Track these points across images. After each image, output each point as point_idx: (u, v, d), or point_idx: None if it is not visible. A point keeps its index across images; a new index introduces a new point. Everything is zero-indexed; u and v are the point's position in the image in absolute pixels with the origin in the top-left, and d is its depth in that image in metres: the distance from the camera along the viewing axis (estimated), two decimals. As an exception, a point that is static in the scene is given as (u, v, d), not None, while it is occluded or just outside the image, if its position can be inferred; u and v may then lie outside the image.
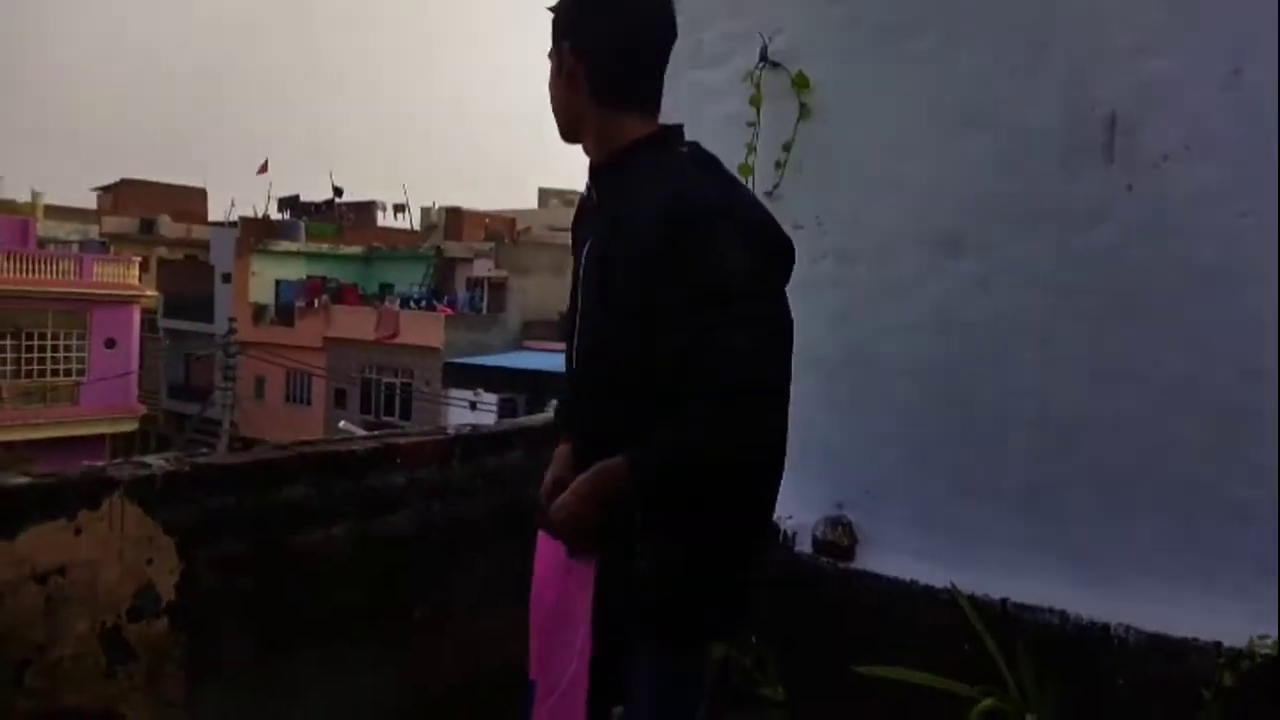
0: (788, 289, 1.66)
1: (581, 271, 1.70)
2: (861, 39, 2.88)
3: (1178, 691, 2.30)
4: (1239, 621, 2.23)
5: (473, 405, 24.09)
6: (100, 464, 2.00)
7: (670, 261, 1.47)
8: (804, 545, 2.93)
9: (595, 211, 1.70)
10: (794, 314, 1.69)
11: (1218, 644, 2.26)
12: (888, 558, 2.81)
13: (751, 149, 2.97)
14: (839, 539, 2.88)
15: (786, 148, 2.96)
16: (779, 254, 1.60)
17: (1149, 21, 2.42)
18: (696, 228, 1.48)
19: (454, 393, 25.76)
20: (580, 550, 1.67)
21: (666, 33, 1.66)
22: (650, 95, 1.67)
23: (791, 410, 1.64)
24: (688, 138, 1.70)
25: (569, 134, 1.71)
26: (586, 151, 1.69)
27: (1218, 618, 2.27)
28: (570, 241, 1.86)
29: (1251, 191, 2.28)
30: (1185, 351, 2.37)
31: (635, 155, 1.62)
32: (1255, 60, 2.28)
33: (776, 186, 2.94)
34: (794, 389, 1.60)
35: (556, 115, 1.70)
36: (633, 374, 1.55)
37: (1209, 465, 2.34)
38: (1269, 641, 2.18)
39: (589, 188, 1.73)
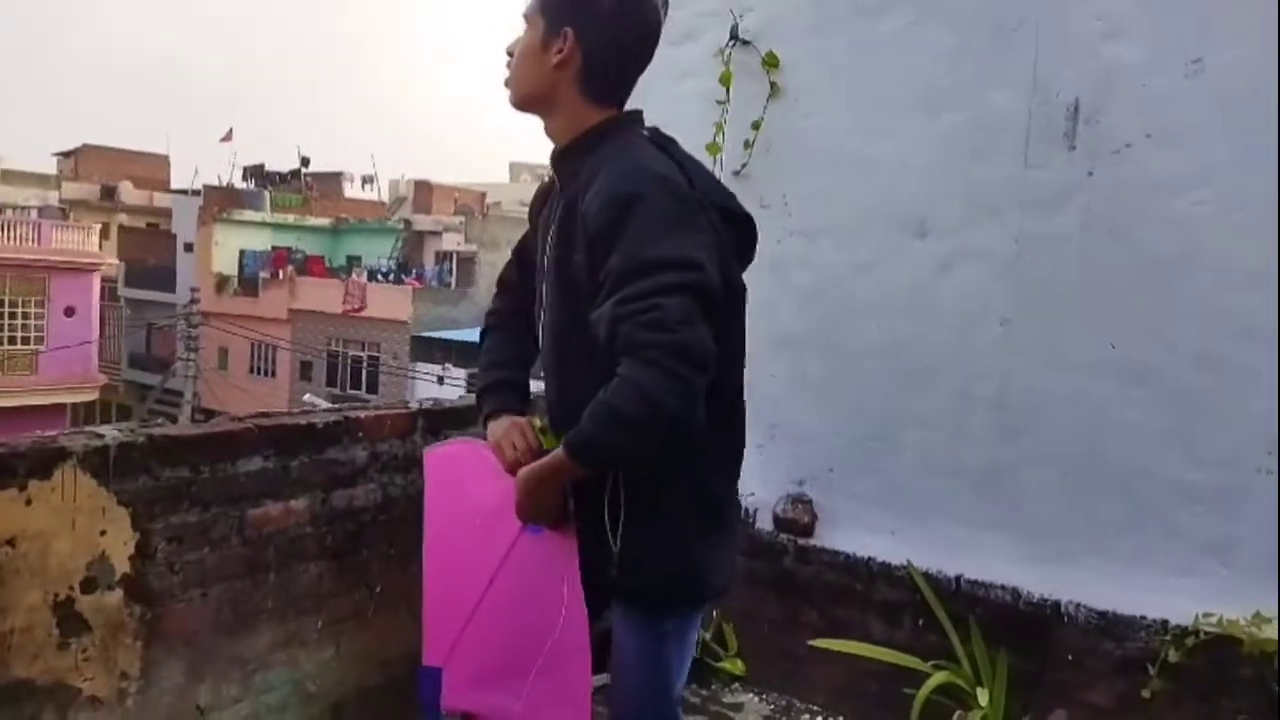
0: (754, 266, 1.69)
1: (545, 256, 1.71)
2: (831, 19, 2.88)
3: (1126, 667, 2.37)
4: (1186, 600, 2.29)
5: (440, 380, 23.96)
6: (52, 433, 1.96)
7: (614, 236, 1.50)
8: (765, 522, 2.96)
9: (557, 196, 1.70)
10: (760, 293, 1.70)
11: (1164, 621, 2.32)
12: (847, 534, 2.85)
13: (721, 128, 2.97)
14: (799, 516, 2.91)
15: (755, 126, 2.96)
16: (731, 227, 1.62)
17: (1114, 9, 2.44)
18: (639, 201, 1.50)
19: (421, 367, 25.61)
20: (552, 527, 1.68)
21: (657, 42, 1.70)
22: (626, 93, 1.71)
23: (756, 388, 1.66)
24: (661, 114, 1.72)
25: (528, 106, 1.69)
26: (547, 131, 1.70)
27: (1165, 596, 2.33)
28: (529, 216, 1.86)
29: (1209, 180, 2.32)
30: (1140, 336, 2.42)
31: (596, 139, 1.65)
32: (1217, 50, 2.30)
33: (745, 165, 2.94)
34: (760, 367, 1.62)
35: (520, 84, 1.68)
36: (594, 349, 1.56)
37: (1161, 448, 2.39)
38: (1213, 619, 2.24)
39: (551, 176, 1.75)
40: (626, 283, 1.47)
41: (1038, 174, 2.54)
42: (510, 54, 1.69)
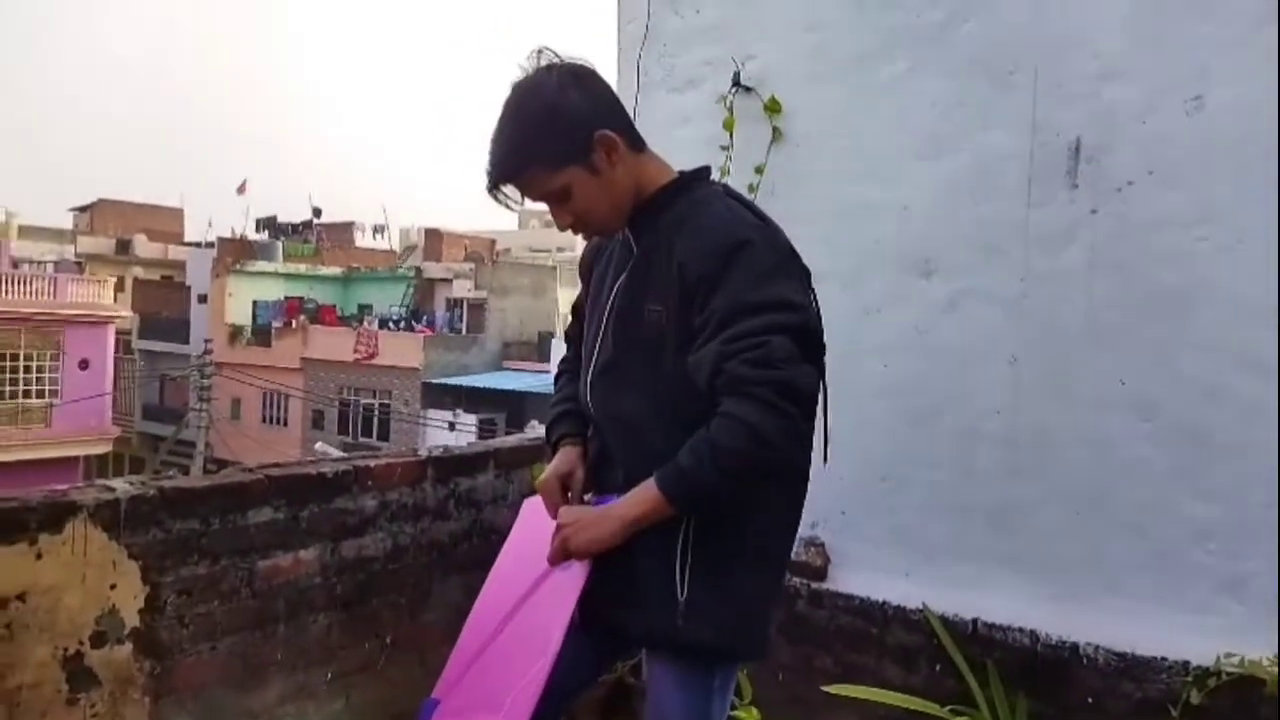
0: None
1: (610, 305, 1.71)
2: (831, 66, 2.92)
3: (1146, 709, 2.32)
4: (1206, 639, 2.25)
5: (451, 426, 23.99)
6: (63, 487, 1.98)
7: (719, 279, 1.53)
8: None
9: (631, 251, 1.72)
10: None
11: (1185, 663, 2.28)
12: (860, 577, 2.82)
13: (725, 172, 3.00)
14: (812, 559, 2.89)
15: (759, 171, 2.99)
16: (807, 274, 1.69)
17: (1112, 49, 2.47)
18: (745, 247, 1.55)
19: (432, 413, 25.65)
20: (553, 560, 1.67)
21: None
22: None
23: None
24: (663, 157, 1.74)
25: (625, 214, 1.68)
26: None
27: (1185, 636, 2.29)
28: (583, 271, 1.89)
29: (1211, 216, 2.33)
30: (1148, 372, 2.41)
31: (674, 193, 1.68)
32: (1216, 87, 2.32)
33: (749, 209, 2.96)
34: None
35: (612, 214, 1.66)
36: (673, 398, 1.59)
37: (1172, 484, 2.37)
38: (1235, 660, 2.20)
39: (624, 233, 1.74)
40: (733, 323, 1.50)
41: (1041, 213, 2.56)
42: (573, 222, 1.66)
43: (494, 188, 1.61)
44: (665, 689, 1.69)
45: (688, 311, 1.56)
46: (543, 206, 1.69)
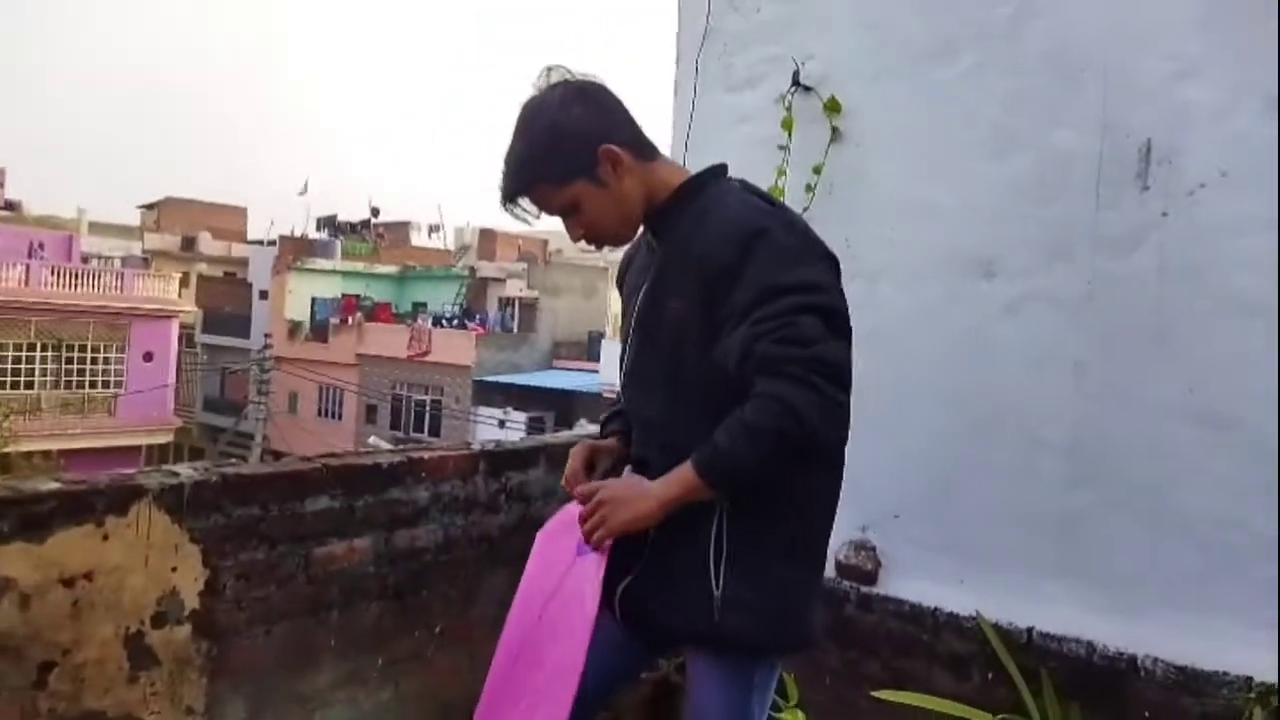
0: None
1: (636, 310, 1.74)
2: (894, 64, 2.89)
3: (1208, 728, 2.25)
4: (1270, 656, 2.18)
5: (501, 423, 24.18)
6: (130, 471, 2.03)
7: (740, 268, 1.53)
8: (827, 569, 2.90)
9: (651, 253, 1.75)
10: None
11: (1248, 679, 2.21)
12: (911, 583, 2.78)
13: (782, 172, 2.98)
14: (862, 563, 2.85)
15: (817, 170, 2.97)
16: (830, 259, 1.66)
17: (1185, 49, 2.40)
18: (764, 234, 1.55)
19: (483, 410, 25.88)
20: (598, 543, 1.66)
21: None
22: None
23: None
24: (719, 159, 1.75)
25: (636, 224, 1.72)
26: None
27: (1249, 651, 2.22)
28: (619, 285, 1.90)
29: (1287, 220, 2.25)
30: (1218, 382, 2.34)
31: (692, 191, 1.69)
32: (1293, 88, 2.25)
33: (806, 209, 2.93)
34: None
35: (622, 226, 1.70)
36: (703, 388, 1.59)
37: (1241, 497, 2.30)
38: (1303, 679, 2.13)
39: (645, 238, 1.78)
40: (759, 306, 1.50)
41: (1110, 214, 2.50)
42: (585, 234, 1.70)
43: (507, 202, 1.67)
44: (704, 685, 1.69)
45: (709, 305, 1.56)
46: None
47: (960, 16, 2.76)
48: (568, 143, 1.61)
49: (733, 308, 1.52)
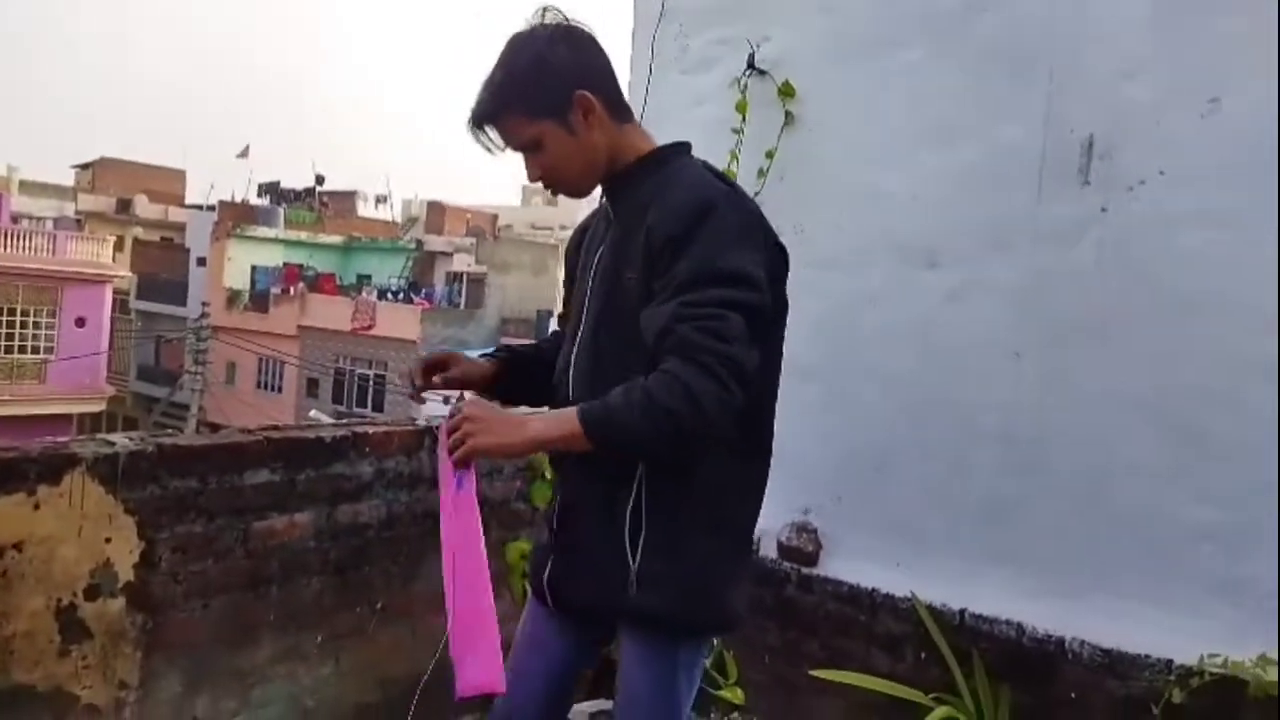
0: None
1: (592, 280, 1.72)
2: (847, 51, 2.91)
3: (1129, 707, 2.34)
4: (1193, 640, 2.27)
5: (446, 400, 23.91)
6: (63, 440, 1.98)
7: (685, 241, 1.53)
8: (768, 550, 2.95)
9: (610, 222, 1.73)
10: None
11: (1169, 661, 2.30)
12: (851, 564, 2.83)
13: (735, 155, 2.99)
14: (804, 545, 2.90)
15: (770, 155, 2.98)
16: (778, 250, 1.66)
17: (1130, 47, 2.46)
18: (713, 211, 1.55)
19: (428, 387, 25.57)
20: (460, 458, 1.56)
21: None
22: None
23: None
24: (672, 139, 1.74)
25: (595, 179, 1.70)
26: (604, 175, 1.71)
27: (1172, 635, 2.31)
28: (569, 255, 1.87)
29: (1223, 220, 2.32)
30: (1152, 373, 2.41)
31: (655, 164, 1.69)
32: (1233, 90, 2.32)
33: (758, 194, 2.95)
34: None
35: (583, 176, 1.68)
36: (633, 355, 1.56)
37: (1169, 485, 2.38)
38: (1218, 660, 2.22)
39: (602, 208, 1.77)
40: (694, 287, 1.49)
41: (1051, 208, 2.55)
42: (542, 175, 1.67)
43: (475, 126, 1.65)
44: (630, 663, 1.69)
45: (651, 276, 1.56)
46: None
47: (913, 7, 2.79)
48: (547, 79, 1.61)
49: (668, 279, 1.52)
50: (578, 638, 1.79)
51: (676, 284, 1.50)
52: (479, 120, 1.64)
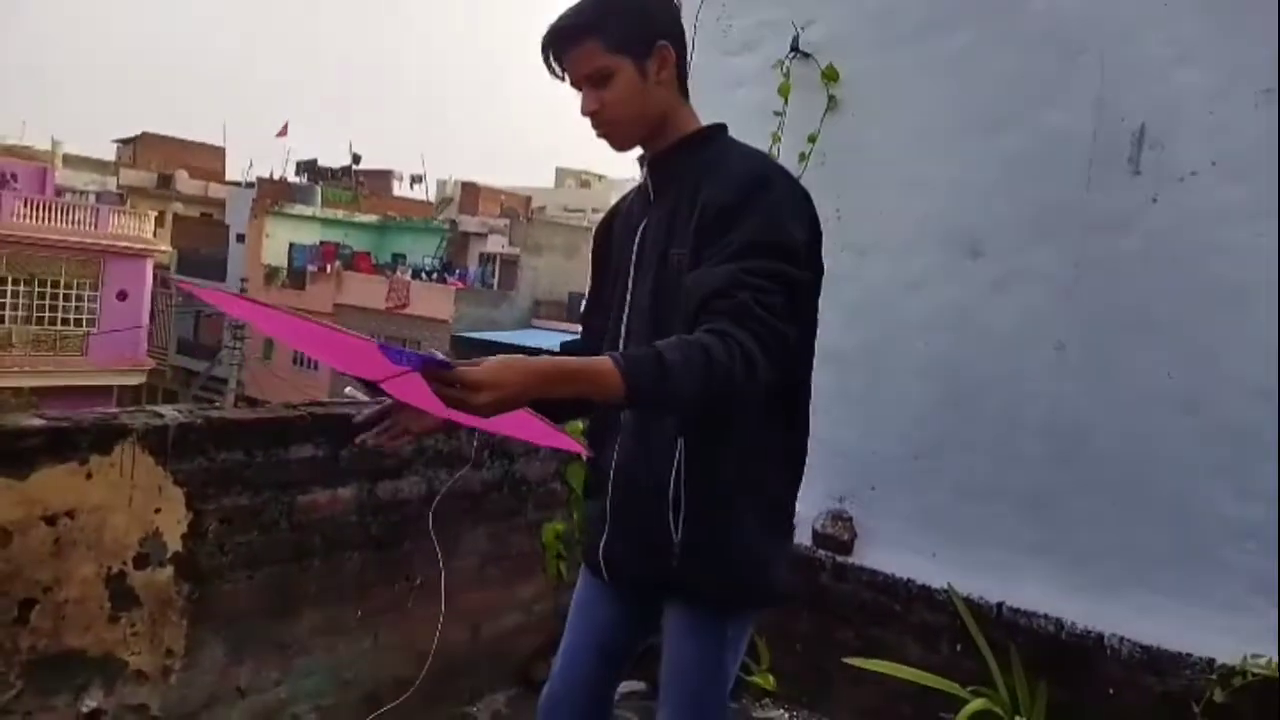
0: None
1: (633, 265, 1.70)
2: (894, 35, 2.87)
3: (1168, 705, 2.32)
4: (1233, 639, 2.24)
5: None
6: (114, 410, 2.01)
7: (743, 210, 1.52)
8: (803, 537, 2.94)
9: (649, 201, 1.71)
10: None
11: (1211, 660, 2.27)
12: (887, 554, 2.82)
13: (776, 138, 2.97)
14: (839, 533, 2.89)
15: (811, 139, 2.96)
16: (818, 228, 1.65)
17: (1184, 34, 2.41)
18: (771, 184, 1.55)
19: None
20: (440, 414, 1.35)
21: None
22: None
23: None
24: (715, 120, 1.73)
25: (647, 136, 1.68)
26: (646, 145, 1.70)
27: (1213, 634, 2.28)
28: (600, 236, 1.83)
29: (1273, 212, 2.27)
30: (1196, 367, 2.37)
31: (701, 142, 1.68)
32: (1289, 79, 2.26)
33: (799, 177, 2.92)
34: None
35: (636, 123, 1.65)
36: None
37: (1212, 481, 2.34)
38: (1262, 660, 2.19)
39: (642, 186, 1.74)
40: (752, 254, 1.47)
41: (1100, 198, 2.51)
42: (595, 112, 1.63)
43: (551, 43, 1.62)
44: (677, 637, 1.69)
45: (700, 248, 1.54)
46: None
47: (963, -10, 2.74)
48: (641, 17, 1.61)
49: (723, 245, 1.50)
50: (630, 611, 1.80)
51: (733, 250, 1.49)
52: (560, 36, 1.61)
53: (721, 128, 1.72)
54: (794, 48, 3.02)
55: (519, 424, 1.42)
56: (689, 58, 1.70)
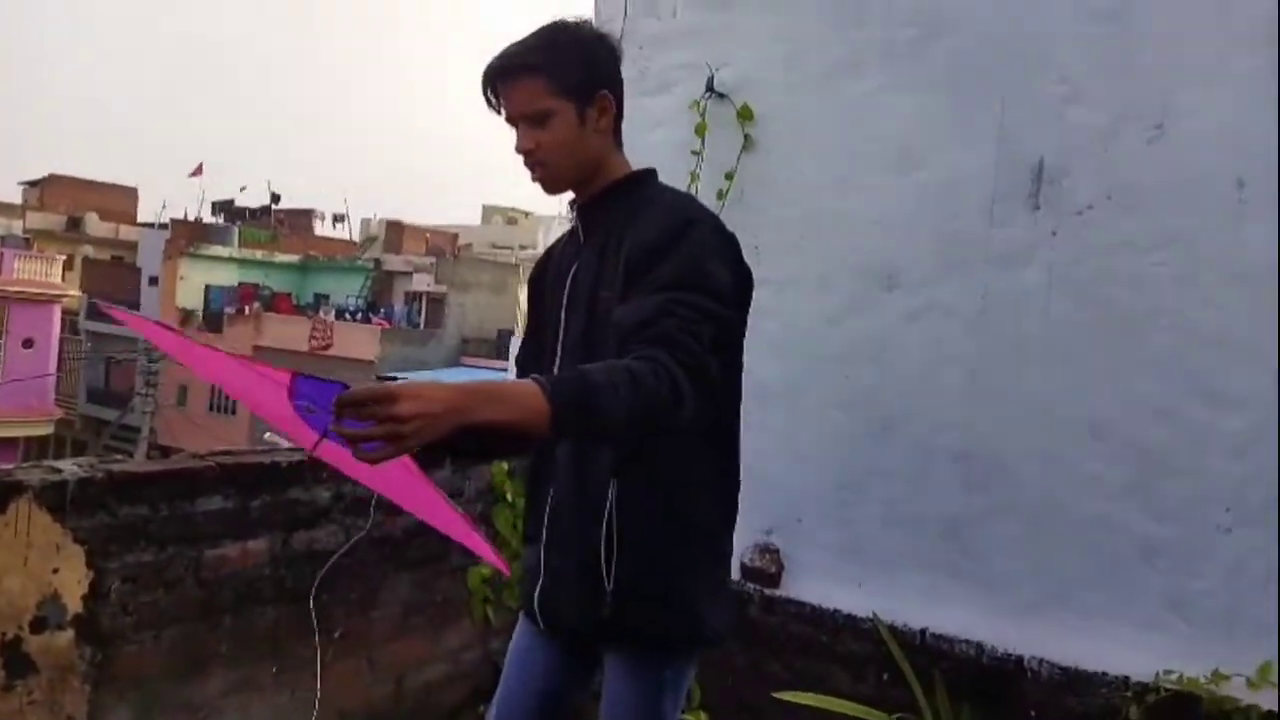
0: None
1: (565, 302, 1.69)
2: (805, 76, 2.94)
3: (1087, 724, 2.36)
4: (1149, 656, 2.30)
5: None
6: (7, 466, 1.92)
7: (669, 250, 1.53)
8: (732, 572, 2.94)
9: (580, 244, 1.72)
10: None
11: (1126, 678, 2.33)
12: (813, 585, 2.84)
13: (695, 177, 3.01)
14: (766, 565, 2.90)
15: (729, 176, 3.01)
16: (747, 275, 1.67)
17: (1075, 73, 2.52)
18: (697, 225, 1.57)
19: (387, 407, 25.28)
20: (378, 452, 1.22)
21: None
22: None
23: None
24: (633, 162, 1.75)
25: (580, 181, 1.69)
26: (578, 191, 1.71)
27: (1129, 651, 2.34)
28: (534, 280, 1.84)
29: (1169, 242, 2.38)
30: (1103, 392, 2.46)
31: (630, 185, 1.69)
32: (1177, 117, 2.38)
33: (718, 214, 2.96)
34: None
35: (571, 170, 1.66)
36: None
37: (1122, 502, 2.42)
38: (1173, 677, 2.25)
39: (572, 229, 1.75)
40: (682, 287, 1.48)
41: (1003, 232, 2.60)
42: (530, 151, 1.63)
43: (496, 76, 1.62)
44: (615, 682, 1.67)
45: (631, 282, 1.54)
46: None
47: (870, 34, 2.83)
48: (584, 64, 1.62)
49: (650, 280, 1.50)
50: (570, 658, 1.77)
51: (659, 284, 1.49)
52: (504, 71, 1.61)
53: (651, 172, 1.74)
54: (709, 88, 3.07)
55: (435, 509, 1.41)
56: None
